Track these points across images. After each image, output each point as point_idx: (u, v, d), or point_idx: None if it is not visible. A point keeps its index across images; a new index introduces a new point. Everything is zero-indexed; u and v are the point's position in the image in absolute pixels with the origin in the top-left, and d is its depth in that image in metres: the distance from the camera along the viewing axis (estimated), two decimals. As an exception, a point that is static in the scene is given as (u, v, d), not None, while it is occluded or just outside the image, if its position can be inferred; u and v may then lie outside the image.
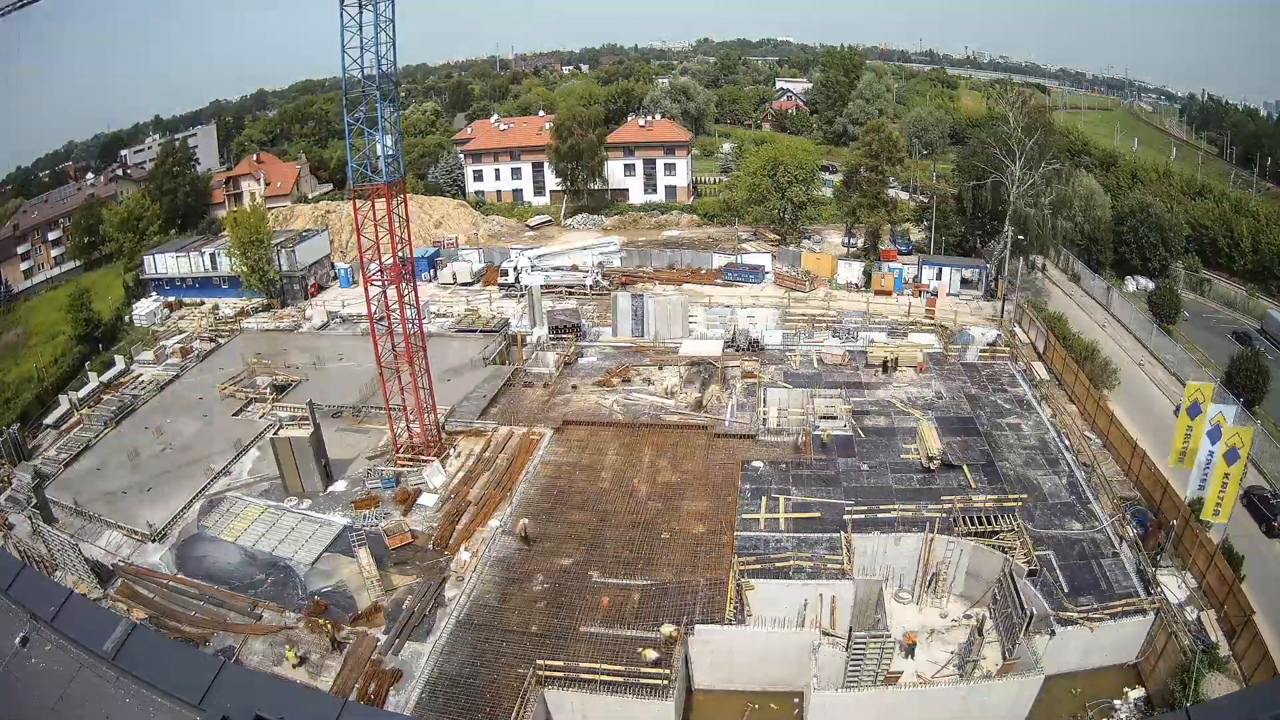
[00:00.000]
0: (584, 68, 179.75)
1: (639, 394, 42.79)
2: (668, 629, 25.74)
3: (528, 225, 77.47)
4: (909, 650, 26.83)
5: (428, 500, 34.61)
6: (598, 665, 24.38)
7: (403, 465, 36.45)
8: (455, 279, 61.65)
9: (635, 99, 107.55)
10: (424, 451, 36.77)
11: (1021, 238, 52.04)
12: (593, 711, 24.27)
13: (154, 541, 33.06)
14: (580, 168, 78.64)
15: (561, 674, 24.34)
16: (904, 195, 72.49)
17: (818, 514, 31.77)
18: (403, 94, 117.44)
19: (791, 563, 29.13)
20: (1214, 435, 27.83)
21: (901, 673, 25.41)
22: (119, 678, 5.04)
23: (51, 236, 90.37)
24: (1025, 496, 32.09)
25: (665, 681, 23.83)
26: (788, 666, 25.76)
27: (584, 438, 38.84)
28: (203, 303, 60.75)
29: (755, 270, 60.18)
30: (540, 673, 24.22)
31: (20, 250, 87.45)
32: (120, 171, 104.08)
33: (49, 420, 44.72)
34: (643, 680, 23.95)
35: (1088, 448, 35.86)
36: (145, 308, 59.80)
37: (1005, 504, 31.30)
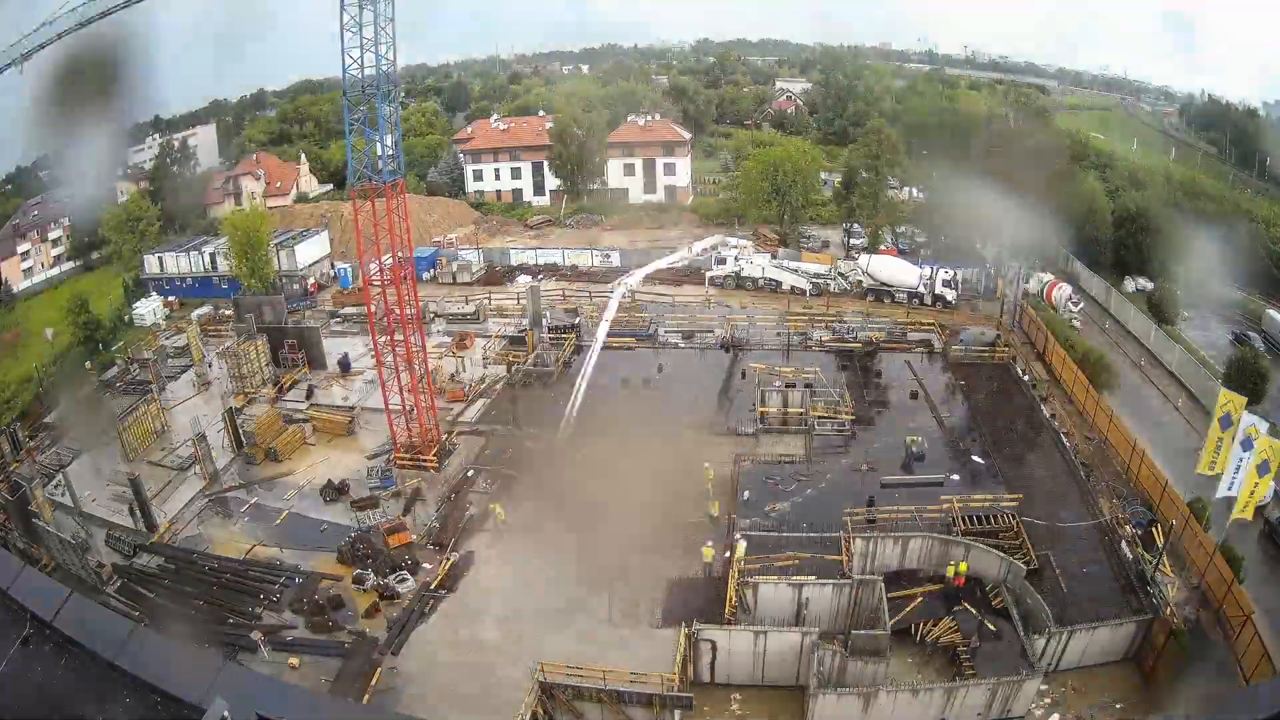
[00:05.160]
0: (584, 68, 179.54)
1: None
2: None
3: (527, 225, 77.47)
4: None
5: (429, 500, 34.67)
6: (601, 669, 24.38)
7: (403, 465, 36.49)
8: (455, 279, 61.63)
9: (635, 99, 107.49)
10: (423, 451, 36.78)
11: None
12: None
13: (154, 541, 33.08)
14: (580, 169, 78.60)
15: (564, 674, 24.35)
16: (903, 196, 72.41)
17: (817, 514, 31.81)
18: (403, 94, 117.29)
19: (791, 562, 29.17)
20: (1247, 445, 27.90)
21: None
22: (119, 678, 5.04)
23: (51, 236, 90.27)
24: (1023, 496, 32.18)
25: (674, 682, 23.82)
26: (788, 665, 25.78)
27: (584, 437, 38.83)
28: (202, 302, 60.64)
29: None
30: (542, 674, 24.21)
31: (20, 250, 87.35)
32: (120, 171, 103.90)
33: (49, 419, 44.70)
34: (648, 682, 23.98)
35: (1087, 448, 35.88)
36: (145, 308, 59.76)
37: (1004, 504, 31.37)
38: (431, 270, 61.89)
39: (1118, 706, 25.39)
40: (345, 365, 47.04)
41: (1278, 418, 33.64)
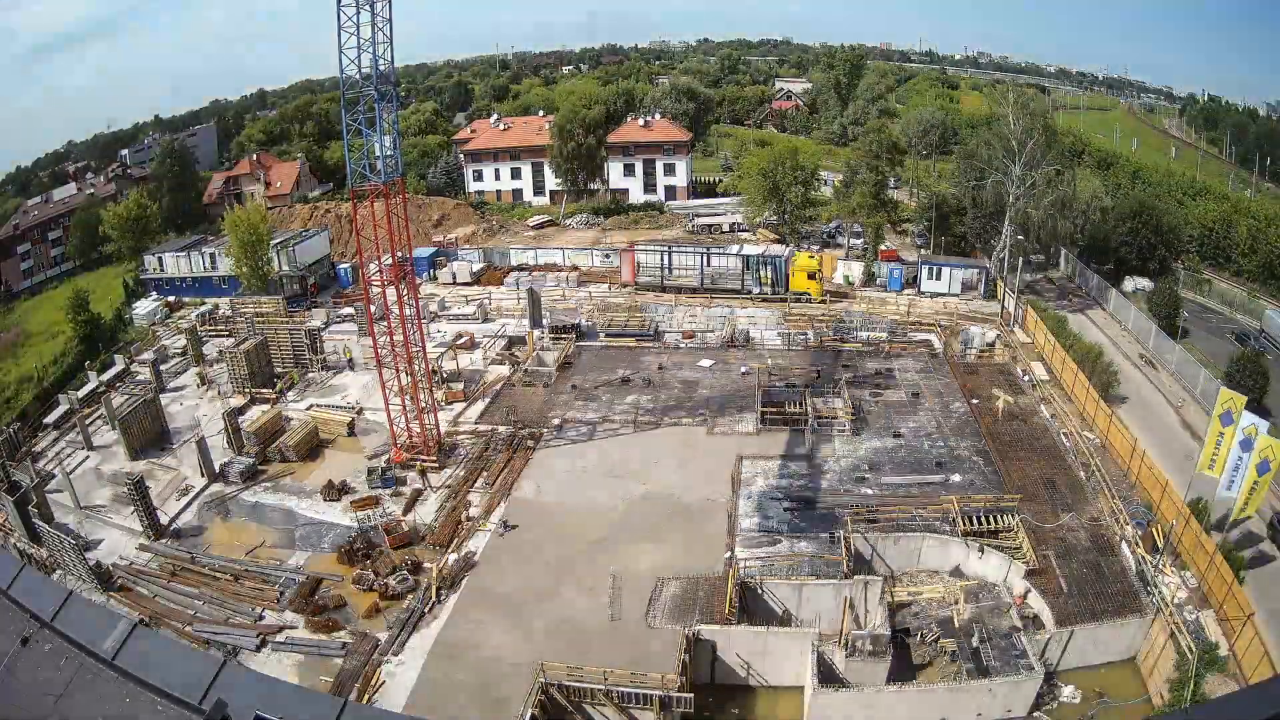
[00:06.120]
0: (584, 68, 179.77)
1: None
2: None
3: (528, 225, 77.49)
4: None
5: (428, 500, 34.68)
6: (601, 669, 24.42)
7: (403, 465, 36.48)
8: (455, 279, 61.63)
9: (635, 99, 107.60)
10: (424, 452, 36.78)
11: (1022, 238, 52.01)
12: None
13: (154, 541, 33.09)
14: (580, 169, 78.57)
15: (565, 675, 24.36)
16: (905, 197, 72.47)
17: (818, 511, 31.84)
18: (403, 94, 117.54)
19: (791, 561, 29.19)
20: (1246, 445, 27.90)
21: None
22: (119, 678, 5.04)
23: (51, 236, 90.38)
24: (1024, 496, 32.19)
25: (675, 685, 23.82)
26: (788, 665, 25.80)
27: (585, 436, 38.89)
28: (202, 302, 60.56)
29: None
30: (543, 674, 24.22)
31: (20, 250, 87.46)
32: (120, 171, 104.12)
33: (49, 420, 44.69)
34: (647, 683, 23.99)
35: (1087, 448, 35.88)
36: (145, 307, 59.78)
37: (1004, 504, 31.37)
38: (431, 270, 61.88)
39: (1118, 706, 25.41)
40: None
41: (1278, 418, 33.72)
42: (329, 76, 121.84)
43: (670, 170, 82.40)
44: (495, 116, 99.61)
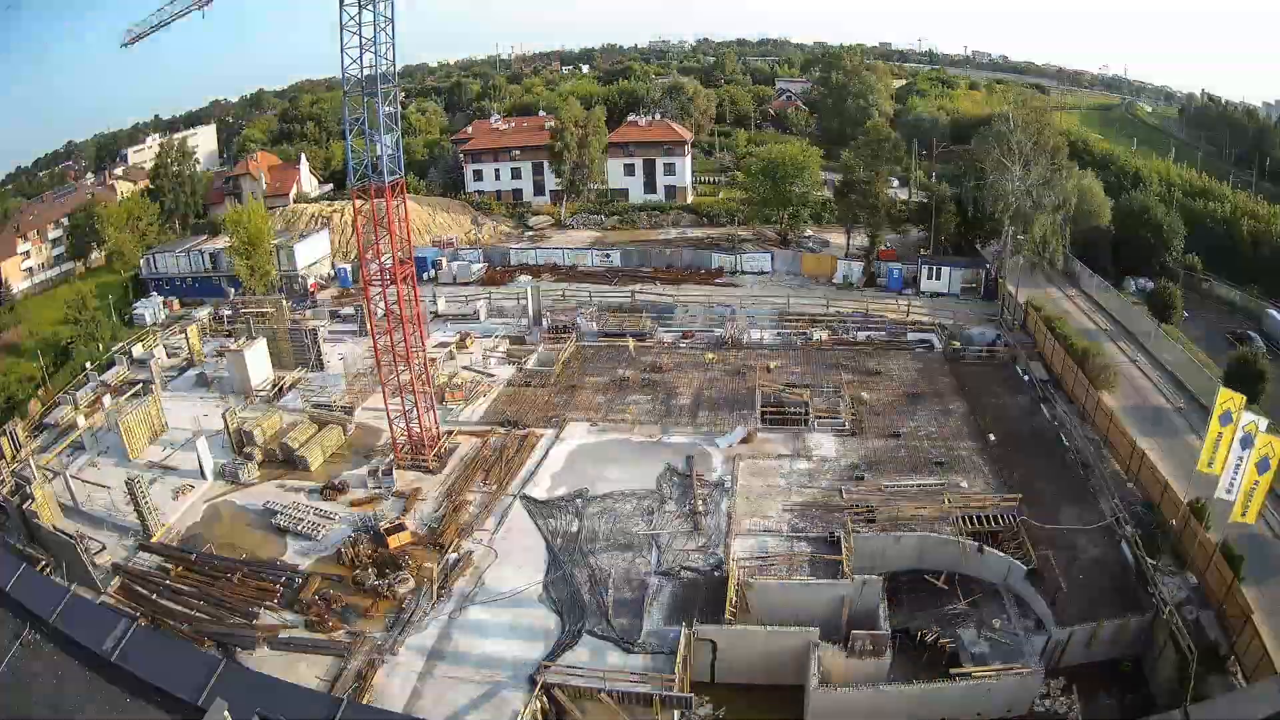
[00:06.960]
0: (584, 68, 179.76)
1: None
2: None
3: (527, 225, 77.49)
4: None
5: (428, 500, 34.66)
6: (603, 670, 24.41)
7: (402, 465, 36.46)
8: (455, 279, 61.63)
9: (635, 99, 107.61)
10: (423, 452, 36.76)
11: (1021, 238, 52.04)
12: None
13: (154, 541, 33.06)
14: (581, 168, 78.60)
15: (565, 673, 24.34)
16: (903, 196, 72.40)
17: (817, 511, 31.85)
18: (403, 94, 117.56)
19: (791, 561, 29.17)
20: (1246, 442, 27.87)
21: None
22: (119, 677, 5.04)
23: (51, 236, 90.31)
24: (1023, 495, 32.18)
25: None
26: (787, 665, 25.76)
27: (584, 436, 38.88)
28: (202, 302, 60.50)
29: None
30: (543, 675, 24.21)
31: (20, 250, 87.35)
32: (120, 171, 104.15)
33: (49, 420, 44.65)
34: (648, 682, 23.97)
35: (1086, 447, 35.88)
36: (145, 308, 59.75)
37: (1004, 503, 31.36)
38: (432, 270, 61.87)
39: (1118, 706, 25.39)
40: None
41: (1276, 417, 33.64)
42: (329, 76, 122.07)
43: (670, 170, 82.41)
44: (495, 117, 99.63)
